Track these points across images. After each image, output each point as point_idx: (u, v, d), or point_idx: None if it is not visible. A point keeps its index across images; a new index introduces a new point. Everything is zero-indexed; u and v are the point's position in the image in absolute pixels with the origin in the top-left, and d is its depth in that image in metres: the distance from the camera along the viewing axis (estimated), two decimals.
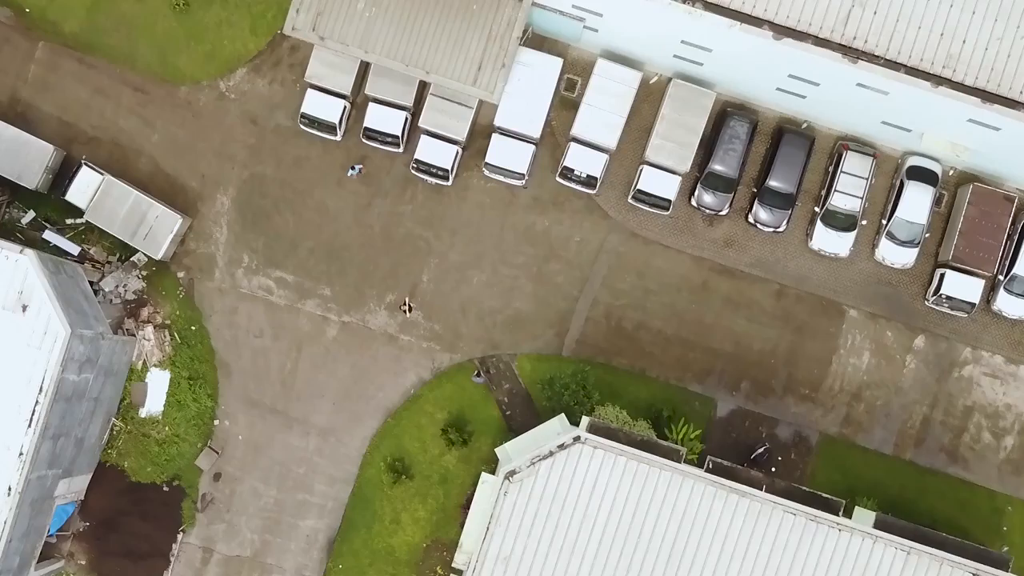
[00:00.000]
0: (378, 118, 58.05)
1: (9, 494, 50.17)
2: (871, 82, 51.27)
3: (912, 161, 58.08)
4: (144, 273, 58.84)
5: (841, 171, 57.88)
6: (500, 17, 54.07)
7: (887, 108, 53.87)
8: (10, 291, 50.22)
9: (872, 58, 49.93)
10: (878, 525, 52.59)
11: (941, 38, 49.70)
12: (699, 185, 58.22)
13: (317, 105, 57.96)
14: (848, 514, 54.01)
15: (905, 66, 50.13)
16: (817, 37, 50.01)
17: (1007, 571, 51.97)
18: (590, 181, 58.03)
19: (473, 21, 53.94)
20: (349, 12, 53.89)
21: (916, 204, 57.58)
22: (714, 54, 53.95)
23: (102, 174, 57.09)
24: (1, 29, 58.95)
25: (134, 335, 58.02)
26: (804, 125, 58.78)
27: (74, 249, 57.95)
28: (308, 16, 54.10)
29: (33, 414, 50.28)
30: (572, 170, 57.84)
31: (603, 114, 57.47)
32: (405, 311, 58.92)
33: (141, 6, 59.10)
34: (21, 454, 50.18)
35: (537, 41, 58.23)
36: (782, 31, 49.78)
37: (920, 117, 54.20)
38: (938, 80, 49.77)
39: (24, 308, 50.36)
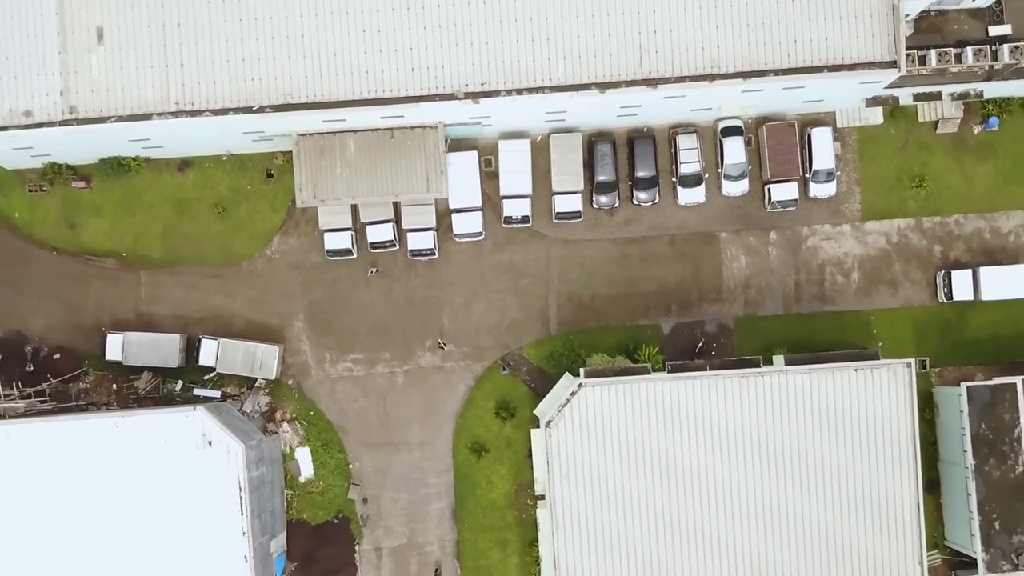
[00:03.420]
0: (376, 233, 72.04)
1: (246, 561, 66.53)
2: (671, 93, 64.89)
3: (722, 124, 72.09)
4: (267, 390, 72.98)
5: (679, 149, 71.84)
6: (428, 143, 69.33)
7: (691, 101, 67.90)
8: (197, 435, 66.55)
9: (656, 81, 63.50)
10: (787, 363, 65.53)
11: (703, 51, 64.04)
12: (594, 193, 72.29)
13: (334, 241, 72.04)
14: (769, 363, 66.44)
15: (688, 77, 63.70)
16: (626, 80, 63.58)
17: (878, 359, 65.29)
18: (524, 219, 72.09)
19: (412, 152, 69.27)
20: (332, 177, 69.39)
21: (734, 151, 71.59)
22: (569, 112, 68.36)
23: (216, 339, 72.02)
24: (111, 272, 73.42)
25: (276, 432, 73.25)
26: (645, 129, 73.07)
27: (216, 394, 72.77)
28: (308, 191, 69.93)
29: (242, 504, 66.24)
30: (510, 217, 72.02)
31: (515, 174, 71.74)
32: (442, 347, 72.98)
33: (195, 223, 73.58)
34: (244, 533, 66.36)
35: (456, 144, 72.39)
36: (602, 86, 64.09)
37: (713, 99, 68.49)
38: (711, 77, 64.30)
39: (210, 443, 66.34)
